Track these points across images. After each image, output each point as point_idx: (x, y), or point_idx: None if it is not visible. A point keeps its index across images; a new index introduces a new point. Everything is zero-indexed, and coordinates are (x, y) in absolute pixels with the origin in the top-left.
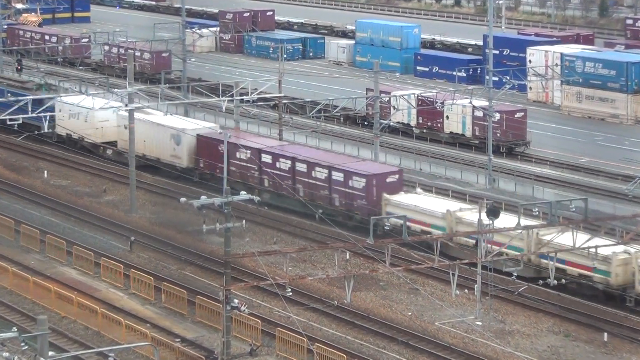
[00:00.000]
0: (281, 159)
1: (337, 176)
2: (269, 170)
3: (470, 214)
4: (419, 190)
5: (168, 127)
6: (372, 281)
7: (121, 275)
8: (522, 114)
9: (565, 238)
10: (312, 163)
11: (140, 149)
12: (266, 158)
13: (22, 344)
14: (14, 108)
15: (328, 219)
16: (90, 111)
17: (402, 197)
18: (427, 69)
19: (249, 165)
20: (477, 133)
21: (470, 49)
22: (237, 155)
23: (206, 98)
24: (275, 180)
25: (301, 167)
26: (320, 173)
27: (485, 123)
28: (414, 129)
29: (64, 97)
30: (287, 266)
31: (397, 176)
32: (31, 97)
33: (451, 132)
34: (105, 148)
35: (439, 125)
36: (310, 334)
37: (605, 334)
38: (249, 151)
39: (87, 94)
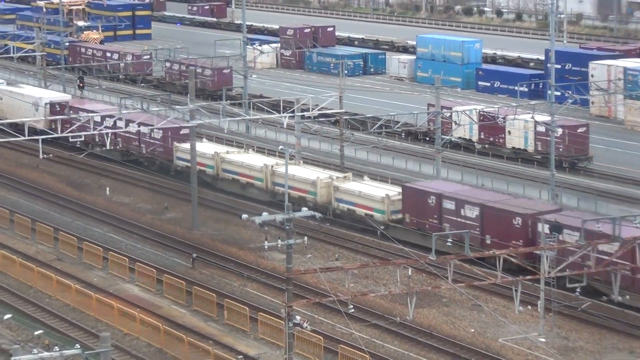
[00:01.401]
0: (107, 119)
1: (144, 130)
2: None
3: (233, 155)
4: (204, 140)
5: (29, 96)
6: (434, 297)
7: (183, 292)
8: (585, 128)
9: (295, 170)
10: (128, 121)
11: (10, 116)
12: (97, 119)
13: None
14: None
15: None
16: None
17: (186, 145)
18: (488, 84)
19: (85, 125)
20: (539, 148)
21: (532, 64)
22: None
23: (267, 114)
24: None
25: (120, 124)
26: (134, 128)
27: (548, 138)
28: (475, 144)
29: None
30: (349, 282)
31: (188, 129)
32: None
33: (513, 148)
34: None
35: (501, 140)
36: (372, 351)
37: None
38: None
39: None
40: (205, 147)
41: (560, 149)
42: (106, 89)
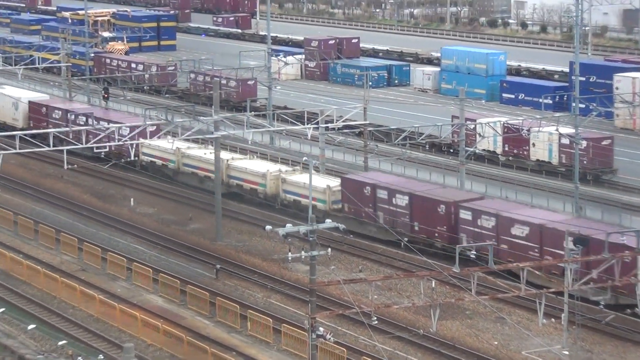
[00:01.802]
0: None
1: (112, 127)
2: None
3: (193, 151)
4: (169, 137)
5: (9, 96)
6: (458, 310)
7: (207, 303)
8: (609, 141)
9: (247, 164)
10: (98, 118)
11: None
12: (81, 119)
13: None
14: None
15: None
16: None
17: (151, 141)
18: (513, 96)
19: (60, 123)
20: (563, 161)
21: (556, 76)
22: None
23: (291, 126)
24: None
25: (91, 122)
26: (103, 124)
27: (572, 150)
28: (499, 156)
29: None
30: (373, 294)
31: (155, 127)
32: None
33: (537, 160)
34: None
35: (525, 152)
36: None
37: None
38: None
39: (172, 122)
40: (167, 144)
41: (585, 162)
42: (131, 99)
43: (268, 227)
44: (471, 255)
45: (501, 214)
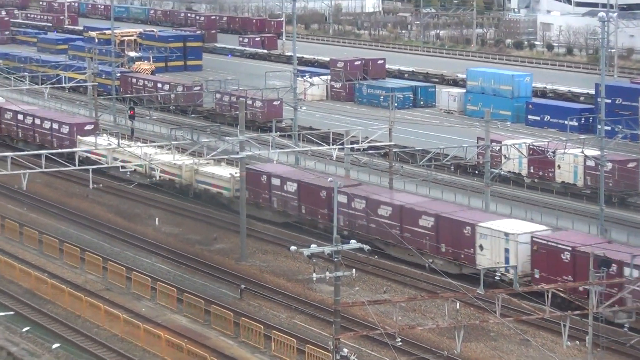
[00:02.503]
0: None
1: (55, 125)
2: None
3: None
4: (104, 135)
5: None
6: (482, 332)
7: (231, 323)
8: (635, 163)
9: (167, 157)
10: (42, 118)
11: None
12: (28, 119)
13: None
14: None
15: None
16: None
17: (88, 138)
18: (538, 118)
19: (10, 122)
20: (589, 183)
21: (582, 98)
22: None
23: (317, 146)
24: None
25: (37, 121)
26: (47, 124)
27: (597, 173)
28: (525, 178)
29: None
30: (397, 315)
31: (92, 126)
32: None
33: (563, 182)
34: None
35: (550, 174)
36: None
37: None
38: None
39: (198, 142)
40: (102, 140)
41: (610, 184)
42: (156, 119)
43: (293, 248)
44: (496, 278)
45: (370, 196)
